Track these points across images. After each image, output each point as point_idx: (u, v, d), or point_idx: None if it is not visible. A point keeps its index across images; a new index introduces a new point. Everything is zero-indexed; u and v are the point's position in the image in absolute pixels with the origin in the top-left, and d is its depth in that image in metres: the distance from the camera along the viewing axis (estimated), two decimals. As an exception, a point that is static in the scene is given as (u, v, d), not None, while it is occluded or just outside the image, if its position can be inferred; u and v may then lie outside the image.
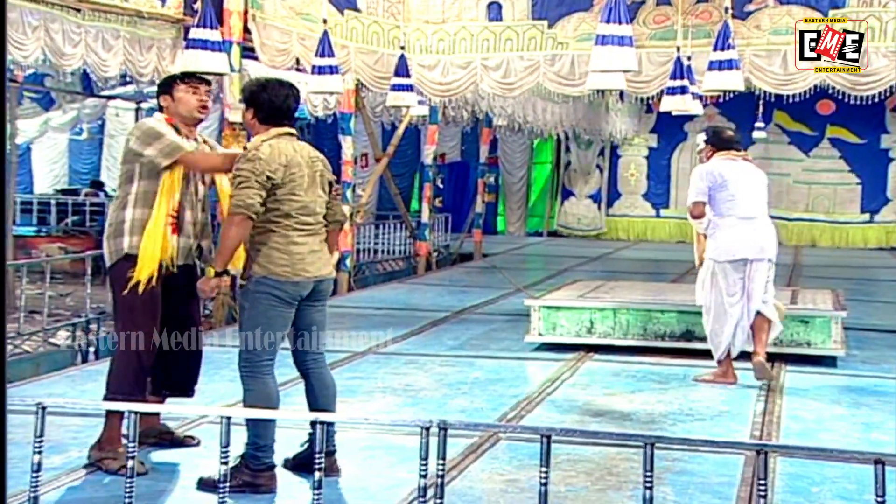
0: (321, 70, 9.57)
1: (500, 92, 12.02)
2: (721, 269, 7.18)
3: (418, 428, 3.50)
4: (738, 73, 8.89)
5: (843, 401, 6.87)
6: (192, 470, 5.07)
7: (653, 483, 3.22)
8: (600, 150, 23.60)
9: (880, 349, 8.83)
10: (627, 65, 6.84)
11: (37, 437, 3.51)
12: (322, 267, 4.97)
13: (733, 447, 5.00)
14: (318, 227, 4.98)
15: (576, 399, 6.83)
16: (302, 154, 4.93)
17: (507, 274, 14.59)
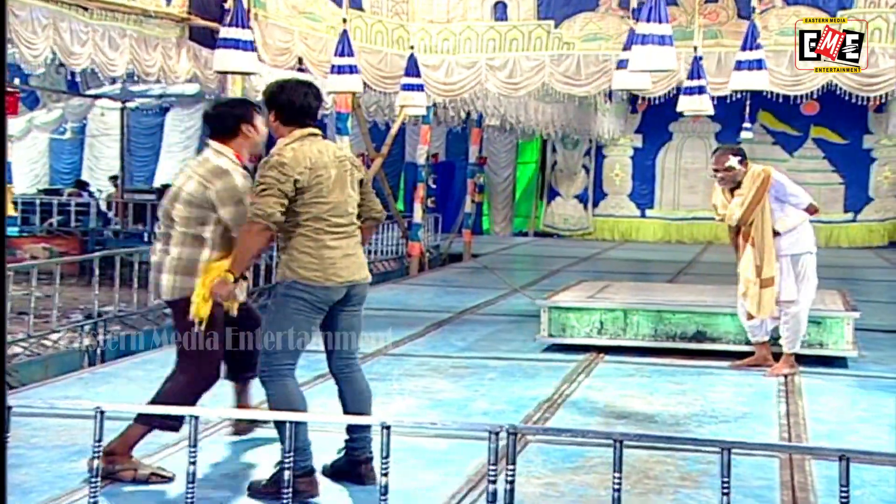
0: (340, 69, 9.47)
1: (506, 92, 11.97)
2: (809, 261, 7.67)
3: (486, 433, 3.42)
4: (765, 73, 8.89)
5: (863, 402, 6.86)
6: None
7: (730, 489, 3.19)
8: (586, 150, 23.62)
9: (889, 349, 8.84)
10: (667, 64, 6.81)
11: (96, 442, 3.44)
12: (356, 271, 4.83)
13: (814, 453, 4.97)
14: (351, 228, 4.87)
15: (596, 400, 6.78)
16: (328, 154, 4.83)
17: (500, 275, 14.55)
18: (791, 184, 7.67)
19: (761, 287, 7.48)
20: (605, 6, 11.27)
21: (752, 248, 7.51)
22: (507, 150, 24.02)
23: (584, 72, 11.20)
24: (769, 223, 7.47)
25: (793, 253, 7.58)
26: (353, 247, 4.86)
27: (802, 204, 7.63)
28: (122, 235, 19.47)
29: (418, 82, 10.69)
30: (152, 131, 24.09)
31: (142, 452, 5.38)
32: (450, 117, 17.13)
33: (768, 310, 7.51)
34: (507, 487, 3.41)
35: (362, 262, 4.93)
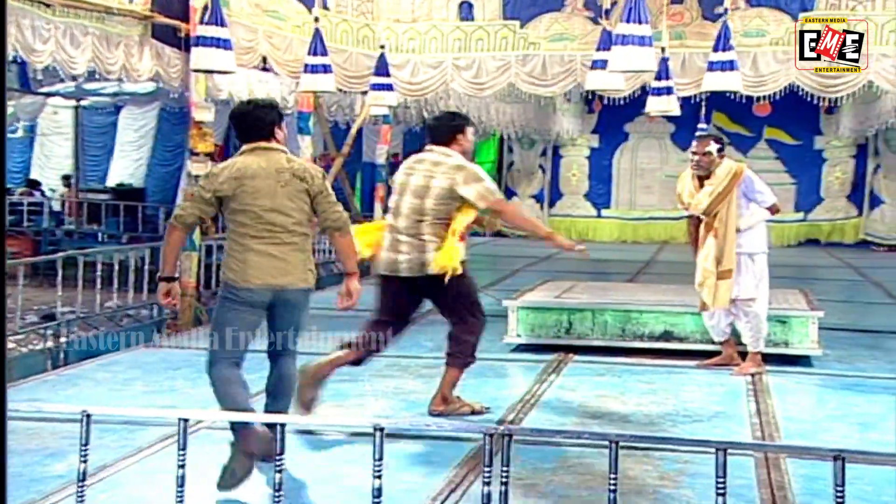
0: (314, 69, 9.41)
1: (472, 92, 11.98)
2: (764, 260, 7.75)
3: (481, 434, 3.41)
4: (737, 73, 8.97)
5: (831, 400, 6.95)
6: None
7: (726, 490, 3.21)
8: (542, 150, 23.68)
9: (850, 348, 8.94)
10: (647, 64, 6.84)
11: (83, 446, 3.39)
12: (279, 276, 5.09)
13: (811, 452, 5.00)
14: (284, 235, 5.10)
15: (569, 400, 6.81)
16: (270, 165, 5.13)
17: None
18: (760, 182, 7.77)
19: (718, 278, 7.56)
20: (570, 6, 11.31)
21: (715, 240, 7.60)
22: (465, 150, 24.00)
23: (549, 72, 11.23)
24: (734, 217, 7.55)
25: (750, 251, 7.67)
26: (285, 253, 5.11)
27: (767, 203, 7.72)
28: (76, 236, 19.25)
29: (388, 82, 10.66)
30: (105, 130, 23.78)
31: (117, 455, 5.32)
32: (410, 117, 17.09)
33: (723, 302, 7.58)
34: (501, 490, 3.40)
35: (290, 268, 5.13)
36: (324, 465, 5.31)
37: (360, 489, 4.92)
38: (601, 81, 8.14)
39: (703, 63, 10.81)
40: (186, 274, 10.02)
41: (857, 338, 9.62)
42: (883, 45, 11.00)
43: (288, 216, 5.11)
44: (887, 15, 10.88)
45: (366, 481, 4.99)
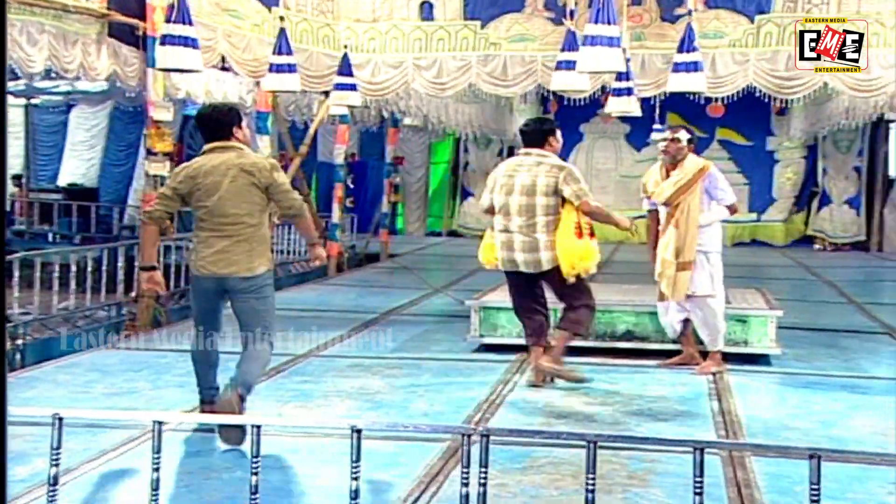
0: (279, 68, 9.34)
1: (433, 92, 11.95)
2: (718, 259, 7.77)
3: (460, 435, 3.40)
4: (702, 74, 9.04)
5: (792, 399, 7.02)
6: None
7: (703, 489, 3.23)
8: (499, 150, 23.71)
9: (808, 346, 9.05)
10: (616, 65, 6.87)
11: (54, 450, 3.35)
12: (225, 267, 5.60)
13: (787, 451, 5.03)
14: (234, 228, 5.60)
15: (535, 400, 6.81)
16: (220, 163, 5.62)
17: (420, 275, 14.55)
18: (724, 181, 7.85)
19: (678, 270, 7.63)
20: (531, 7, 11.32)
21: (676, 230, 7.66)
22: (421, 151, 24.00)
23: (510, 72, 11.24)
24: (696, 211, 7.61)
25: (706, 250, 7.72)
26: (231, 244, 5.60)
27: (726, 201, 7.78)
28: (27, 236, 18.99)
29: (351, 82, 10.62)
30: (56, 129, 23.47)
31: (80, 458, 5.25)
32: (367, 117, 17.04)
33: (681, 293, 7.66)
34: (480, 490, 3.40)
35: (234, 258, 5.61)
36: (293, 466, 5.26)
37: (327, 489, 4.90)
38: (566, 82, 8.17)
39: (662, 64, 10.89)
40: (144, 275, 9.90)
41: (813, 336, 9.74)
42: (838, 47, 11.11)
43: (236, 210, 5.57)
44: (842, 17, 10.98)
45: (336, 482, 5.01)
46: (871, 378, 7.85)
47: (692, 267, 7.64)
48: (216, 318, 5.86)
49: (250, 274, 5.63)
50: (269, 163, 5.80)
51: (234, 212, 5.58)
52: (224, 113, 5.79)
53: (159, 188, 9.48)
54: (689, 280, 7.65)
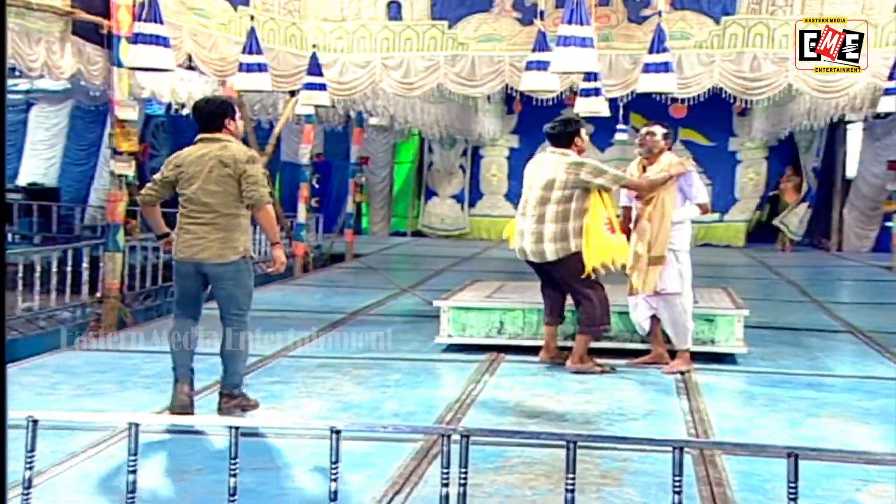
0: (249, 68, 9.29)
1: (401, 92, 11.94)
2: (687, 258, 7.83)
3: (437, 435, 3.40)
4: (672, 75, 9.10)
5: (759, 397, 7.08)
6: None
7: (682, 487, 3.25)
8: (463, 150, 23.73)
9: (773, 345, 9.13)
10: (589, 66, 6.90)
11: (28, 452, 3.32)
12: (199, 252, 5.98)
13: (764, 450, 5.07)
14: (208, 216, 5.95)
15: (505, 400, 6.83)
16: (203, 154, 6.00)
17: (386, 275, 14.54)
18: (698, 179, 7.93)
19: (650, 263, 7.69)
20: (498, 7, 11.35)
21: (649, 224, 7.71)
22: (385, 151, 23.95)
23: (478, 72, 11.26)
24: (671, 206, 7.66)
25: (676, 248, 7.78)
26: (206, 231, 5.96)
27: (698, 199, 7.84)
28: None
29: (320, 81, 10.58)
30: (15, 128, 23.21)
31: (50, 461, 5.20)
32: (332, 117, 16.99)
33: (650, 287, 7.72)
34: (459, 491, 3.40)
35: (208, 244, 5.97)
36: (268, 468, 5.24)
37: (302, 490, 4.90)
38: (537, 82, 8.20)
39: (629, 65, 10.97)
40: (110, 276, 9.83)
41: (777, 335, 9.82)
42: (802, 48, 11.22)
43: (212, 198, 5.93)
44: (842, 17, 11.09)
45: (310, 483, 5.01)
46: (835, 376, 7.94)
47: (663, 262, 7.70)
48: (194, 303, 6.25)
49: (222, 261, 5.97)
50: (246, 155, 6.05)
51: (210, 201, 5.93)
52: (217, 105, 6.21)
53: (124, 188, 9.46)
54: (659, 276, 7.70)
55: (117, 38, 9.41)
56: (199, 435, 5.73)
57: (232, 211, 5.95)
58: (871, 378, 7.85)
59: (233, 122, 6.18)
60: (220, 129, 6.10)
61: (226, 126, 6.13)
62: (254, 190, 5.94)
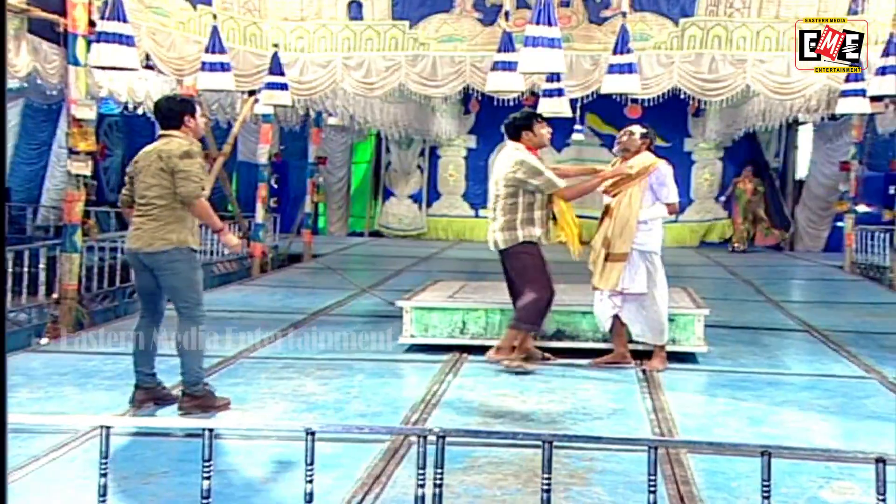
0: (212, 67, 9.20)
1: (362, 92, 11.90)
2: (658, 259, 7.86)
3: (415, 435, 3.40)
4: (636, 76, 9.14)
5: (720, 396, 7.14)
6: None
7: (657, 487, 3.27)
8: (420, 150, 23.73)
9: (732, 344, 9.21)
10: (557, 66, 6.92)
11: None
12: (136, 242, 6.21)
13: (739, 448, 5.11)
14: (146, 208, 6.17)
15: (470, 400, 6.83)
16: (152, 150, 6.25)
17: (345, 275, 14.50)
18: (670, 179, 7.94)
19: (607, 260, 7.73)
20: (459, 8, 11.36)
21: (610, 220, 7.75)
22: (342, 150, 23.88)
23: (440, 73, 11.26)
24: (636, 206, 7.68)
25: (642, 249, 7.80)
26: (143, 222, 6.19)
27: (668, 198, 7.85)
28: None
29: (282, 81, 10.52)
30: (-37, 127, 22.80)
31: (11, 464, 5.12)
32: (290, 116, 16.90)
33: (610, 284, 7.76)
34: (435, 492, 3.40)
35: (143, 235, 6.19)
36: (236, 470, 5.20)
37: (269, 492, 4.87)
38: (502, 82, 8.21)
39: (589, 65, 11.03)
40: (67, 276, 9.71)
41: (735, 334, 9.91)
42: (759, 50, 11.38)
43: (149, 192, 6.15)
44: (763, 22, 11.26)
45: (278, 485, 4.98)
46: (794, 375, 8.04)
47: (625, 259, 7.71)
48: (151, 300, 6.39)
49: (152, 250, 6.15)
50: (181, 150, 6.16)
51: (147, 194, 6.16)
52: (176, 103, 6.44)
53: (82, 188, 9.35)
54: (621, 275, 7.72)
55: (73, 36, 9.29)
56: (164, 437, 5.67)
57: (166, 203, 6.14)
58: (828, 376, 7.96)
59: (193, 119, 6.36)
60: (178, 126, 6.28)
61: (185, 124, 6.31)
62: (182, 185, 6.09)
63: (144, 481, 4.98)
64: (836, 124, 19.05)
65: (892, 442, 5.99)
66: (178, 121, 6.28)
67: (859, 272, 16.98)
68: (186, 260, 6.23)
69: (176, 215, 6.16)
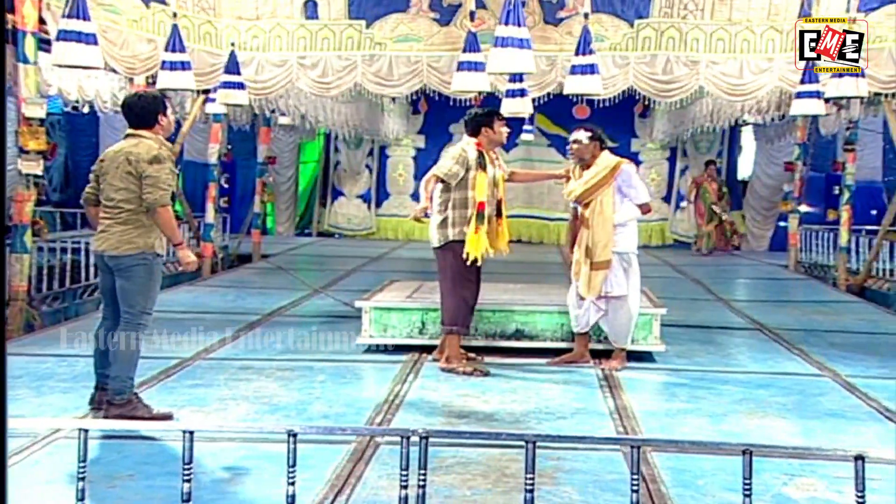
0: (172, 66, 9.08)
1: (318, 91, 11.83)
2: (635, 260, 7.91)
3: (398, 437, 3.39)
4: (597, 77, 9.18)
5: (680, 394, 7.20)
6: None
7: (639, 486, 3.29)
8: (369, 150, 23.67)
9: (687, 343, 9.29)
10: (526, 66, 6.92)
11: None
12: (102, 244, 6.15)
13: (721, 447, 5.15)
14: (113, 210, 6.09)
15: (433, 401, 6.83)
16: (119, 150, 6.15)
17: (297, 275, 14.42)
18: (637, 179, 7.94)
19: (592, 269, 7.74)
20: (416, 7, 11.34)
21: (586, 231, 7.77)
22: (290, 150, 23.74)
23: (396, 72, 11.24)
24: (609, 211, 7.70)
25: (620, 250, 7.83)
26: (110, 224, 6.12)
27: (639, 199, 7.83)
28: None
29: (239, 80, 10.42)
30: None
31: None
32: (240, 115, 16.78)
33: (595, 292, 7.79)
34: (419, 492, 3.39)
35: (108, 237, 6.12)
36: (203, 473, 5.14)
37: (239, 495, 4.83)
38: (468, 83, 8.22)
39: (545, 66, 11.07)
40: (17, 277, 9.54)
41: (690, 333, 10.01)
42: (712, 52, 11.52)
43: (116, 194, 6.06)
44: (716, 24, 11.39)
45: (248, 488, 4.93)
46: (749, 373, 8.12)
47: (608, 266, 7.74)
48: (114, 300, 6.25)
49: (115, 253, 6.08)
50: (150, 155, 6.05)
51: (115, 196, 6.07)
52: (149, 102, 6.28)
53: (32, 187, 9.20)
54: (605, 278, 7.75)
55: (22, 34, 9.13)
56: (128, 440, 5.60)
57: (134, 207, 6.07)
58: (782, 374, 8.07)
59: (165, 118, 6.29)
60: (151, 125, 6.20)
61: (158, 122, 6.24)
62: (149, 192, 6.02)
63: (110, 485, 4.91)
64: (778, 125, 19.29)
65: (849, 438, 6.11)
66: (152, 120, 6.21)
67: (804, 271, 17.26)
68: (148, 265, 6.13)
69: (142, 220, 6.09)
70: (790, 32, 11.24)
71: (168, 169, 6.11)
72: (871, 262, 14.96)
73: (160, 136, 6.25)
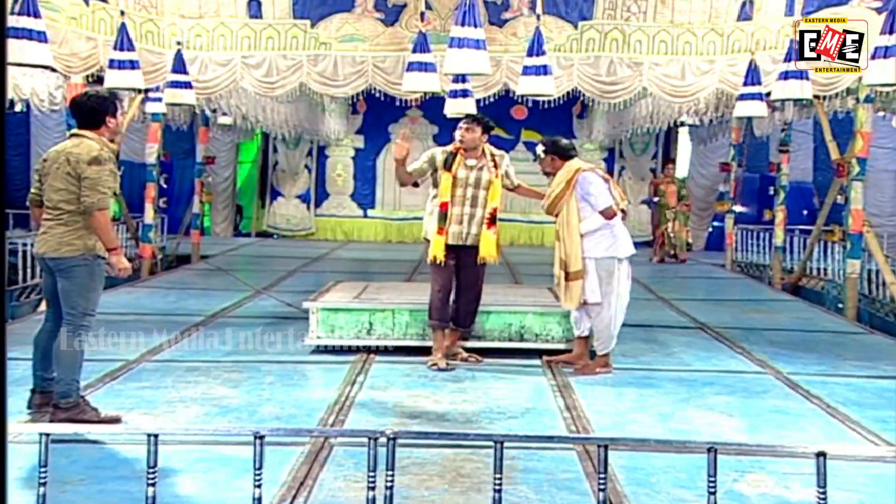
0: (120, 65, 8.94)
1: (263, 91, 11.74)
2: (610, 265, 7.82)
3: (366, 438, 3.38)
4: (550, 78, 9.21)
5: (628, 393, 7.27)
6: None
7: (606, 485, 3.32)
8: (308, 150, 23.56)
9: (631, 342, 9.34)
10: (482, 67, 6.93)
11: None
12: (42, 246, 6.08)
13: (685, 445, 5.18)
14: (54, 211, 6.01)
15: (384, 401, 6.81)
16: (61, 150, 6.07)
17: (237, 276, 14.30)
18: (597, 184, 7.78)
19: (567, 280, 7.77)
20: (360, 7, 11.31)
21: (558, 243, 7.81)
22: (228, 150, 23.53)
23: (341, 72, 11.19)
24: (575, 219, 7.71)
25: (595, 256, 7.83)
26: (51, 226, 6.04)
27: (598, 206, 7.75)
28: None
29: (186, 79, 10.30)
30: None
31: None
32: (179, 115, 16.60)
33: (575, 302, 7.81)
34: (386, 494, 3.38)
35: (48, 238, 6.04)
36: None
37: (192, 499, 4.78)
38: (419, 83, 8.21)
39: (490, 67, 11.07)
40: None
41: (633, 332, 10.04)
42: (655, 54, 11.64)
43: (56, 195, 5.98)
44: (658, 26, 11.52)
45: (201, 489, 4.88)
46: (694, 371, 8.23)
47: (583, 275, 7.76)
48: (56, 303, 6.17)
49: (56, 255, 5.99)
50: (89, 156, 5.94)
51: (55, 197, 5.98)
52: (99, 102, 6.17)
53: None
54: (583, 287, 7.76)
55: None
56: (76, 443, 5.51)
57: (73, 208, 5.97)
58: (726, 372, 8.18)
59: (114, 119, 6.18)
60: (97, 126, 6.10)
61: (106, 123, 6.13)
62: (87, 195, 5.92)
63: (61, 490, 4.82)
64: (711, 127, 19.54)
65: (794, 434, 6.22)
66: (99, 120, 6.10)
67: (740, 270, 17.53)
68: (90, 266, 6.02)
69: (85, 221, 5.99)
70: (730, 35, 11.42)
71: (108, 171, 5.98)
72: (805, 262, 15.24)
73: (104, 138, 6.13)
